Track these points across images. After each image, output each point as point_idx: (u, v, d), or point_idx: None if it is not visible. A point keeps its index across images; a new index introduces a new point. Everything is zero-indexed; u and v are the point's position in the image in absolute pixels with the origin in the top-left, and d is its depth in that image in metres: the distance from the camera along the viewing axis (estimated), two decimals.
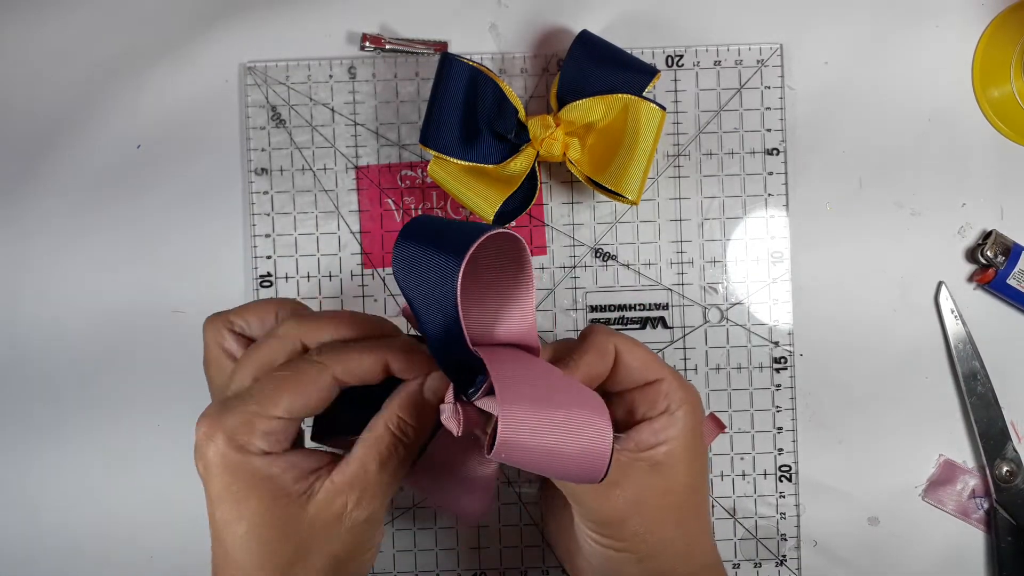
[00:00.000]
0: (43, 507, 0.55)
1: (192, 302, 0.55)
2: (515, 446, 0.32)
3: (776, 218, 0.54)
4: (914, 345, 0.54)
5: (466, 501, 0.42)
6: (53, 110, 0.55)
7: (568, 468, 0.33)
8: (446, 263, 0.32)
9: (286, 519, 0.35)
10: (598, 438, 0.33)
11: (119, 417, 0.55)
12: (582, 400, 0.34)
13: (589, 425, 0.33)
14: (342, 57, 0.55)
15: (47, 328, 0.55)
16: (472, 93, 0.49)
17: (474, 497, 0.42)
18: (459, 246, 0.31)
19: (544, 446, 0.32)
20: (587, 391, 0.35)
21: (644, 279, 0.54)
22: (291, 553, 0.35)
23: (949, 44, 0.54)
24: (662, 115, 0.49)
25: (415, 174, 0.55)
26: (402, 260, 0.33)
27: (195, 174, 0.55)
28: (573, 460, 0.33)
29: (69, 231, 0.55)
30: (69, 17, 0.55)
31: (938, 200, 0.54)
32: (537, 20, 0.54)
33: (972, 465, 0.54)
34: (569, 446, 0.32)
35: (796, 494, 0.54)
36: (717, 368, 0.54)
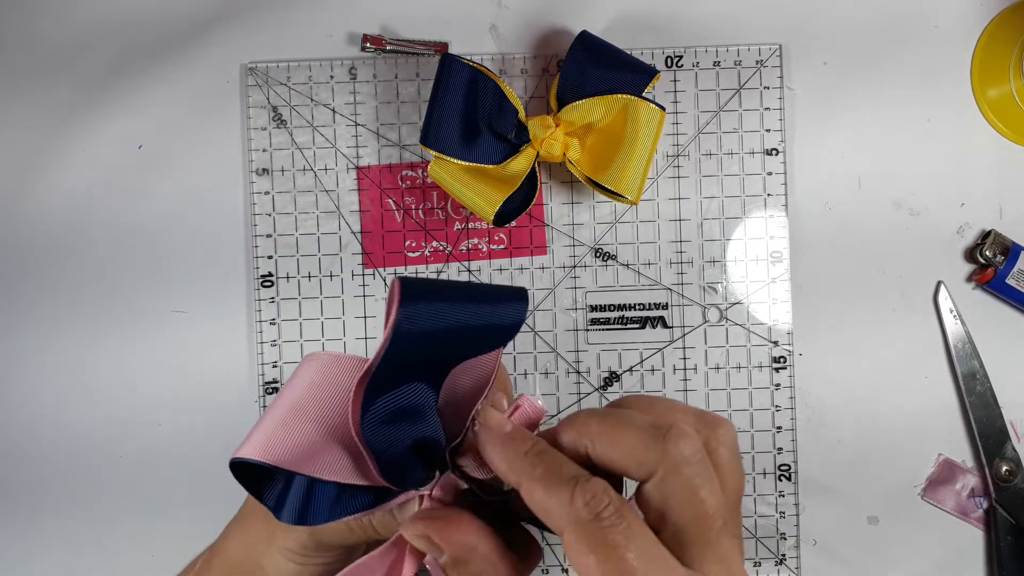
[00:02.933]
0: (41, 504, 0.56)
1: (192, 302, 0.55)
2: None
3: (775, 218, 0.54)
4: (914, 345, 0.54)
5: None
6: (54, 110, 0.55)
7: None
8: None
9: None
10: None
11: (118, 417, 0.55)
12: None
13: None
14: (343, 58, 0.55)
15: (45, 332, 0.55)
16: (472, 94, 0.49)
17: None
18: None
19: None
20: None
21: (644, 279, 0.55)
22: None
23: (949, 44, 0.54)
24: (662, 115, 0.49)
25: (416, 174, 0.55)
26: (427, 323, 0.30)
27: (196, 174, 0.55)
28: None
29: (69, 230, 0.55)
30: (69, 17, 0.55)
31: (937, 200, 0.54)
32: (537, 21, 0.55)
33: (971, 464, 0.54)
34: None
35: (796, 493, 0.54)
36: (716, 368, 0.54)
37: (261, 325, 0.55)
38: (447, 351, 0.31)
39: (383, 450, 0.31)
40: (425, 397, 0.32)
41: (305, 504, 0.33)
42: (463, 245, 0.55)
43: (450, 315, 0.30)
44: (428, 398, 0.32)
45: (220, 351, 0.55)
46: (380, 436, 0.30)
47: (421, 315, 0.30)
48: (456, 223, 0.55)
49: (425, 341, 0.30)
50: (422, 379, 0.32)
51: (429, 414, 0.32)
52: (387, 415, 0.31)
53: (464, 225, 0.55)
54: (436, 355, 0.31)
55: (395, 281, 0.29)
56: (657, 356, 0.54)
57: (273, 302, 0.55)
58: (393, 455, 0.31)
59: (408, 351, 0.30)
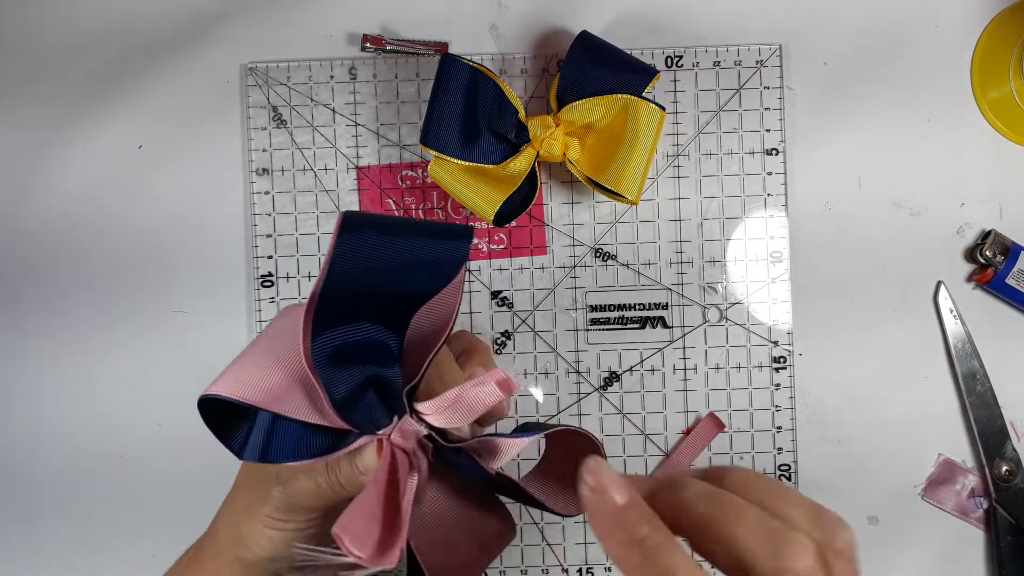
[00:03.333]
0: (41, 505, 0.56)
1: (192, 302, 0.55)
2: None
3: (775, 218, 0.54)
4: (914, 345, 0.54)
5: (485, 536, 0.40)
6: (54, 110, 0.55)
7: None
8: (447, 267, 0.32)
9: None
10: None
11: (118, 417, 0.55)
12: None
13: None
14: (343, 58, 0.55)
15: (45, 332, 0.55)
16: (472, 94, 0.49)
17: (493, 525, 0.40)
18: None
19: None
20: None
21: (644, 279, 0.55)
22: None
23: (949, 44, 0.54)
24: (662, 115, 0.49)
25: (416, 174, 0.55)
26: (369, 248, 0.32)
27: (196, 174, 0.55)
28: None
29: (70, 230, 0.55)
30: (70, 17, 0.55)
31: (937, 200, 0.54)
32: (537, 21, 0.55)
33: (971, 464, 0.54)
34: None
35: None
36: (716, 368, 0.54)
37: (261, 325, 0.55)
38: (392, 283, 0.32)
39: (335, 385, 0.31)
40: (382, 336, 0.33)
41: (267, 442, 0.33)
42: None
43: (391, 245, 0.32)
44: (385, 338, 0.33)
45: (220, 351, 0.55)
46: (333, 371, 0.31)
47: (362, 244, 0.31)
48: (456, 223, 0.55)
49: (367, 270, 0.31)
50: (380, 320, 0.33)
51: (385, 354, 0.33)
52: (339, 349, 0.32)
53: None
54: (382, 288, 0.32)
55: (340, 214, 0.31)
56: (657, 356, 0.54)
57: (273, 302, 0.55)
58: (346, 391, 0.32)
59: (351, 279, 0.31)
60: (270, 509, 0.36)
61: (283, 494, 0.36)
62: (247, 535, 0.37)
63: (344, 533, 0.31)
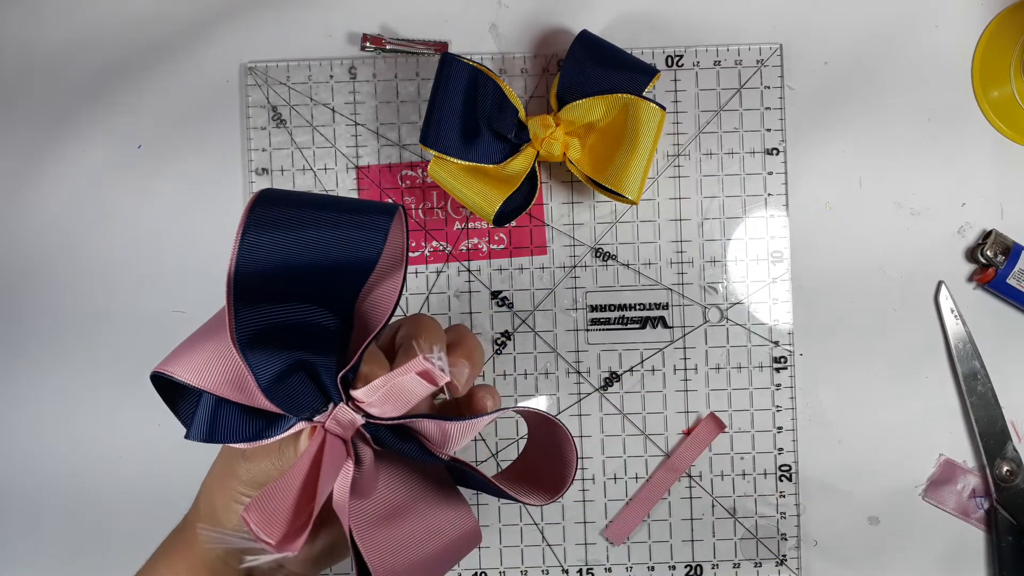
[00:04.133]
0: (42, 505, 0.55)
1: (192, 302, 0.55)
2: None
3: (776, 218, 0.54)
4: (914, 345, 0.54)
5: (448, 530, 0.39)
6: (54, 110, 0.55)
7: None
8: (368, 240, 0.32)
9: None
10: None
11: (119, 417, 0.55)
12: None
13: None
14: (343, 57, 0.55)
15: (45, 332, 0.55)
16: (472, 93, 0.49)
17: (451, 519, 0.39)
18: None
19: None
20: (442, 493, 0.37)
21: (644, 279, 0.54)
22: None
23: (949, 44, 0.54)
24: (662, 115, 0.49)
25: (415, 174, 0.55)
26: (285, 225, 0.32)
27: (196, 174, 0.55)
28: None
29: (70, 230, 0.55)
30: (69, 17, 0.55)
31: (938, 200, 0.54)
32: (537, 20, 0.55)
33: (972, 465, 0.54)
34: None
35: (796, 494, 0.54)
36: (717, 368, 0.54)
37: None
38: (312, 259, 0.32)
39: (262, 366, 0.31)
40: (319, 319, 0.33)
41: (212, 422, 0.34)
42: (463, 245, 0.55)
43: (309, 220, 0.32)
44: (324, 321, 0.33)
45: None
46: (259, 352, 0.31)
47: (276, 219, 0.32)
48: (456, 223, 0.55)
49: (282, 244, 0.31)
50: (320, 303, 0.33)
51: (321, 338, 0.33)
52: (267, 330, 0.32)
53: (464, 225, 0.55)
54: (306, 266, 0.32)
55: (256, 191, 0.31)
56: (657, 356, 0.54)
57: None
58: (274, 374, 0.31)
59: (267, 253, 0.31)
60: (237, 483, 0.37)
61: (247, 470, 0.36)
62: (218, 507, 0.38)
63: (251, 515, 0.30)
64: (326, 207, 0.33)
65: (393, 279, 0.34)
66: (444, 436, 0.34)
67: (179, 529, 0.41)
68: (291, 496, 0.32)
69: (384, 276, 0.35)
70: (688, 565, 0.54)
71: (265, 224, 0.32)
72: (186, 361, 0.33)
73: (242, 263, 0.31)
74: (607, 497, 0.54)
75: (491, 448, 0.55)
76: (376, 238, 0.33)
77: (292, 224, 0.32)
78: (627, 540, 0.54)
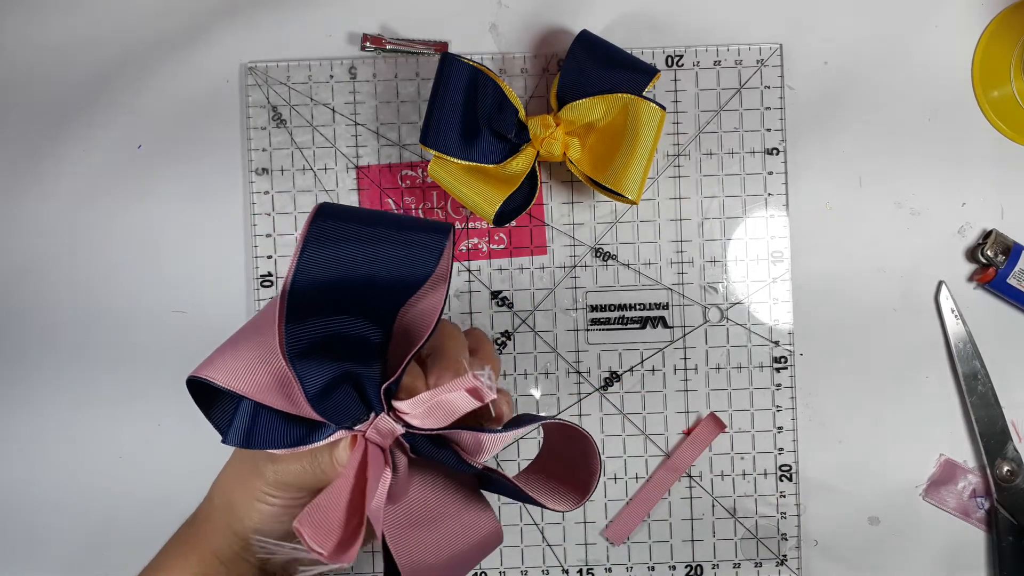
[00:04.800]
0: (42, 505, 0.55)
1: (192, 302, 0.55)
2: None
3: (776, 218, 0.54)
4: (914, 345, 0.54)
5: (474, 530, 0.39)
6: (54, 110, 0.55)
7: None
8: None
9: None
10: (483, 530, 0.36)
11: (119, 417, 0.55)
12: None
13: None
14: (343, 57, 0.55)
15: (45, 333, 0.55)
16: (472, 93, 0.49)
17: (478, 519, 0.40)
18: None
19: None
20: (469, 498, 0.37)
21: (644, 279, 0.54)
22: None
23: (949, 44, 0.54)
24: (662, 115, 0.49)
25: (416, 174, 0.55)
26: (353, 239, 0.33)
27: (196, 174, 0.55)
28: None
29: (70, 231, 0.55)
30: (69, 17, 0.55)
31: (938, 200, 0.54)
32: (537, 20, 0.55)
33: (973, 465, 0.54)
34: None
35: (796, 494, 0.54)
36: (717, 368, 0.54)
37: None
38: (369, 276, 0.33)
39: (310, 377, 0.31)
40: (364, 331, 0.33)
41: (250, 428, 0.34)
42: (463, 245, 0.55)
43: (367, 236, 0.33)
44: (369, 332, 0.33)
45: None
46: (308, 363, 0.31)
47: (336, 234, 0.32)
48: (456, 223, 0.55)
49: (343, 261, 0.32)
50: (363, 315, 0.33)
51: (366, 349, 0.33)
52: (316, 341, 0.32)
53: (464, 225, 0.55)
54: (360, 280, 0.33)
55: (316, 204, 0.32)
56: (658, 356, 0.54)
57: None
58: (321, 384, 0.32)
59: (327, 270, 0.32)
60: (262, 483, 0.37)
61: (274, 472, 0.36)
62: (238, 505, 0.38)
63: (304, 527, 0.31)
64: (383, 224, 0.34)
65: (437, 294, 0.35)
66: (479, 446, 0.34)
67: (190, 522, 0.41)
68: (341, 506, 0.32)
69: (428, 291, 0.35)
70: (688, 565, 0.54)
71: (325, 239, 0.32)
72: (228, 367, 0.33)
73: (299, 276, 0.32)
74: (607, 497, 0.54)
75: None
76: (430, 256, 0.34)
77: (351, 239, 0.33)
78: (627, 540, 0.54)
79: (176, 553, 0.40)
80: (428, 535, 0.36)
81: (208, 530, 0.39)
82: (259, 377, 0.32)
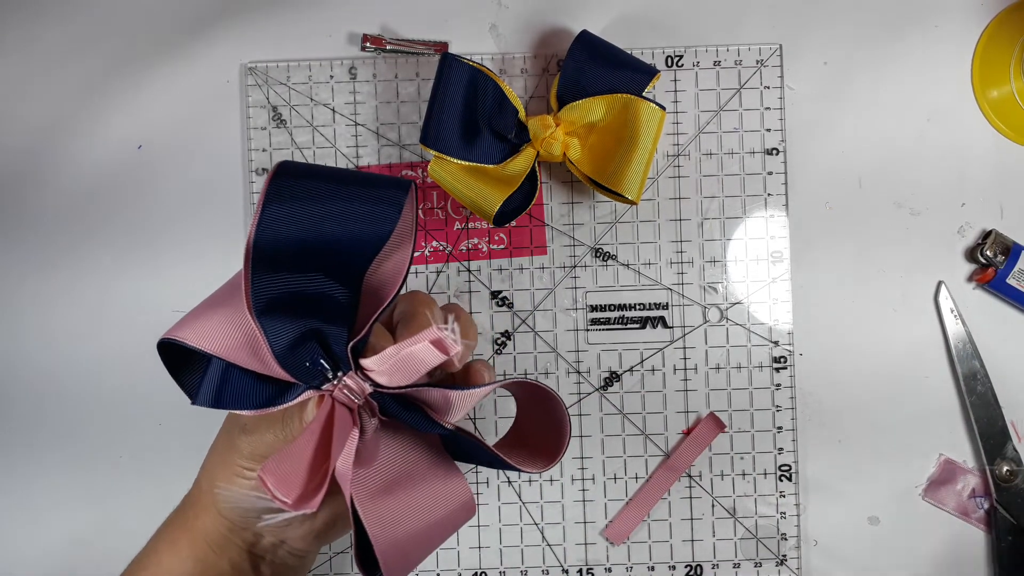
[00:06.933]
0: (46, 518, 0.55)
1: (192, 302, 0.55)
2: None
3: (776, 218, 0.54)
4: (914, 345, 0.54)
5: (445, 499, 0.39)
6: (54, 110, 0.55)
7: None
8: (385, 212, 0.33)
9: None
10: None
11: (119, 417, 0.55)
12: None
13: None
14: (343, 57, 0.55)
15: (46, 329, 0.55)
16: (472, 93, 0.49)
17: (451, 490, 0.39)
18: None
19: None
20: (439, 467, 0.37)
21: (644, 279, 0.54)
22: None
23: (949, 44, 0.54)
24: (662, 115, 0.49)
25: (416, 174, 0.55)
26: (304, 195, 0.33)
27: (196, 174, 0.55)
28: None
29: (69, 231, 0.55)
30: (69, 17, 0.55)
31: (938, 200, 0.54)
32: (537, 20, 0.55)
33: (972, 464, 0.54)
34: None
35: (796, 493, 0.54)
36: (717, 367, 0.54)
37: None
38: (332, 233, 0.33)
39: (277, 333, 0.32)
40: (331, 290, 0.34)
41: (219, 390, 0.35)
42: (463, 245, 0.55)
43: (327, 193, 0.33)
44: (335, 292, 0.34)
45: None
46: (274, 319, 0.32)
47: (296, 190, 0.33)
48: (456, 223, 0.55)
49: (304, 218, 0.32)
50: (330, 273, 0.34)
51: (333, 308, 0.33)
52: (281, 297, 0.32)
53: (464, 225, 0.55)
54: (323, 237, 0.33)
55: (276, 163, 0.33)
56: (657, 356, 0.54)
57: None
58: (288, 341, 0.32)
59: (286, 224, 0.32)
60: (238, 457, 0.37)
61: (248, 443, 0.37)
62: (219, 480, 0.38)
63: (268, 475, 0.31)
64: (343, 180, 0.34)
65: (402, 253, 0.35)
66: (448, 404, 0.34)
67: (179, 509, 0.41)
68: (305, 459, 0.32)
69: (393, 250, 0.35)
70: (688, 565, 0.54)
71: (285, 196, 0.33)
72: (197, 327, 0.33)
73: (261, 233, 0.32)
74: (607, 497, 0.54)
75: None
76: (391, 212, 0.34)
77: (311, 197, 0.33)
78: (627, 540, 0.54)
79: (166, 539, 0.40)
80: (399, 503, 0.35)
81: (196, 514, 0.40)
82: (228, 335, 0.33)
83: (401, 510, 0.35)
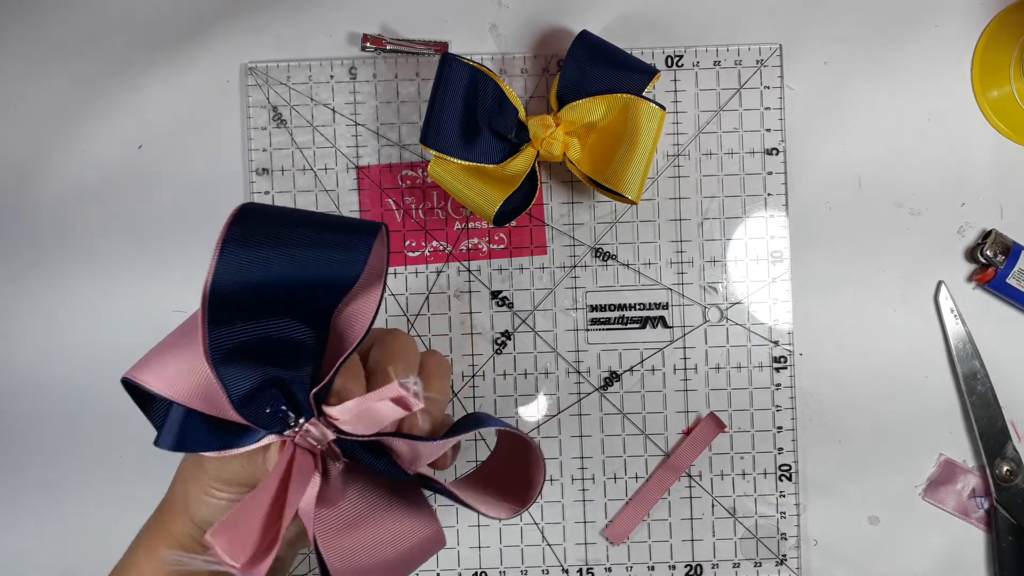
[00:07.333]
0: (45, 519, 0.55)
1: (192, 302, 0.55)
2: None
3: (776, 218, 0.54)
4: (914, 345, 0.54)
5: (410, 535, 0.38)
6: (54, 110, 0.55)
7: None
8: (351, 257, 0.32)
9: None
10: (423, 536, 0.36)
11: (119, 417, 0.55)
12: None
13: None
14: (343, 57, 0.55)
15: (46, 329, 0.55)
16: (472, 93, 0.49)
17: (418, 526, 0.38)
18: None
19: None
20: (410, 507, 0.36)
21: (644, 279, 0.54)
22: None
23: (949, 44, 0.54)
24: (662, 115, 0.49)
25: (416, 174, 0.55)
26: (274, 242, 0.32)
27: (196, 174, 0.55)
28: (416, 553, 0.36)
29: (69, 231, 0.55)
30: (70, 17, 0.55)
31: (938, 200, 0.54)
32: (537, 20, 0.55)
33: (972, 464, 0.54)
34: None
35: (796, 493, 0.54)
36: (717, 367, 0.54)
37: None
38: (291, 276, 0.32)
39: (235, 381, 0.31)
40: (293, 332, 0.32)
41: (182, 431, 0.34)
42: (463, 245, 0.55)
43: (289, 237, 0.32)
44: (297, 333, 0.33)
45: None
46: (233, 368, 0.31)
47: (253, 233, 0.31)
48: (456, 223, 0.55)
49: (260, 261, 0.31)
50: (294, 315, 0.32)
51: (296, 353, 0.32)
52: (241, 345, 0.31)
53: (464, 225, 0.55)
54: (287, 282, 0.32)
55: (238, 206, 0.31)
56: (657, 356, 0.54)
57: None
58: (247, 389, 0.31)
59: (245, 269, 0.31)
60: (207, 478, 0.37)
61: (215, 468, 0.37)
62: (191, 497, 0.38)
63: (217, 539, 0.30)
64: (307, 224, 0.33)
65: (372, 295, 0.34)
66: (414, 454, 0.33)
67: (157, 512, 0.41)
68: (260, 516, 0.31)
69: (362, 291, 0.34)
70: (688, 565, 0.54)
71: (245, 240, 0.31)
72: (158, 370, 0.32)
73: (219, 280, 0.31)
74: (607, 497, 0.54)
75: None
76: (357, 258, 0.33)
77: (272, 242, 0.32)
78: (627, 540, 0.54)
79: (145, 546, 0.40)
80: (361, 539, 0.35)
81: (171, 520, 0.40)
82: (187, 382, 0.32)
83: (363, 546, 0.35)
